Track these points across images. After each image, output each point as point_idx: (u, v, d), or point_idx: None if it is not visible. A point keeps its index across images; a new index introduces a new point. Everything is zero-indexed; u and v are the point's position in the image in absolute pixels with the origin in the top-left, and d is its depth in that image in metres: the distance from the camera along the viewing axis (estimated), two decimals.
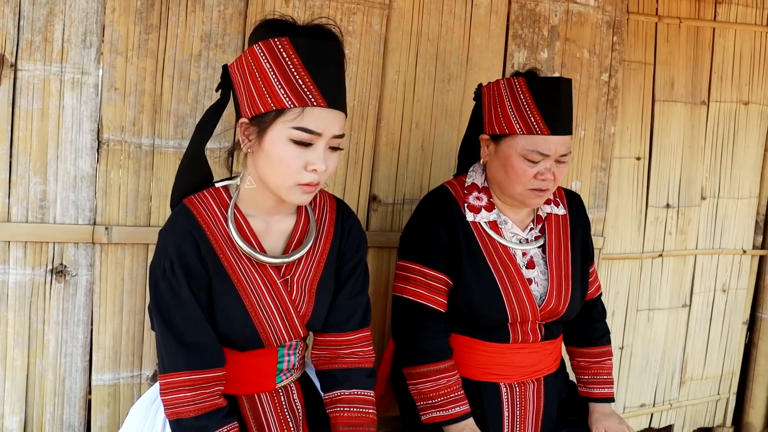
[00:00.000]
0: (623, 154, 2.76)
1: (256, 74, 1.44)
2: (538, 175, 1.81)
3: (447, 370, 1.85)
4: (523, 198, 1.86)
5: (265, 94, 1.43)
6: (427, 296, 1.87)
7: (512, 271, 1.88)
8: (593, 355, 2.06)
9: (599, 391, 2.02)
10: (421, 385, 1.86)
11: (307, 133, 1.43)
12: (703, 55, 2.88)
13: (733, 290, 3.14)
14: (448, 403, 1.83)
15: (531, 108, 1.79)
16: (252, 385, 1.65)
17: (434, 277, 1.88)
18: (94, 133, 1.87)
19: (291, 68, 1.42)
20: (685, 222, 2.95)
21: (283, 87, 1.42)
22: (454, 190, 1.95)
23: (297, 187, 1.47)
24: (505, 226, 1.93)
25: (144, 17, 1.87)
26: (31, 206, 1.83)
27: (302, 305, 1.61)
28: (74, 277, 1.90)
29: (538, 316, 1.90)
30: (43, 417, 1.92)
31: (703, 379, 3.15)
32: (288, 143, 1.44)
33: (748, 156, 3.06)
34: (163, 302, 1.50)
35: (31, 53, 1.78)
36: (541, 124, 1.78)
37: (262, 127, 1.46)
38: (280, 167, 1.45)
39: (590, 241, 2.08)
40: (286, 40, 1.42)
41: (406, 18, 2.21)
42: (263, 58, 1.43)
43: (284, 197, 1.50)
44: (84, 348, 1.93)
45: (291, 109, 1.42)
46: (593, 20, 2.51)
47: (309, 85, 1.42)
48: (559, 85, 1.83)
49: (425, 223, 1.91)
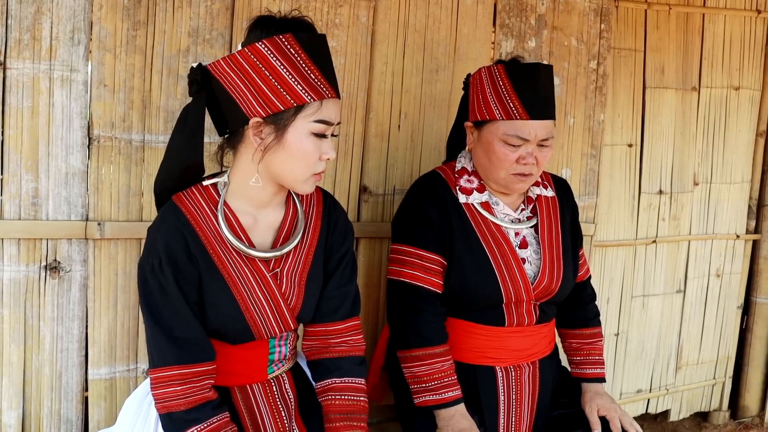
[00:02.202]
0: (615, 141, 2.77)
1: (266, 73, 1.46)
2: (520, 159, 1.83)
3: (442, 355, 1.87)
4: (507, 183, 1.88)
5: (282, 92, 1.46)
6: (424, 278, 1.89)
7: (506, 250, 1.90)
8: (585, 336, 2.09)
9: (592, 371, 2.04)
10: (415, 368, 1.88)
11: (326, 124, 1.50)
12: (693, 41, 2.88)
13: (727, 275, 3.15)
14: (441, 388, 1.85)
15: (510, 94, 1.82)
16: (244, 376, 1.67)
17: (429, 259, 1.90)
18: (84, 130, 1.88)
19: (302, 63, 1.46)
20: (678, 208, 2.96)
21: (299, 83, 1.46)
22: (445, 174, 1.97)
23: (312, 177, 1.55)
24: (497, 207, 1.96)
25: (131, 14, 1.89)
26: (23, 203, 1.85)
27: (292, 298, 1.63)
28: (68, 273, 1.92)
29: (532, 295, 1.92)
30: (40, 412, 1.94)
31: (699, 364, 3.16)
32: (310, 137, 1.50)
33: (739, 141, 3.07)
34: (152, 298, 1.51)
35: (19, 51, 1.80)
36: (520, 109, 1.81)
37: (280, 124, 1.48)
38: (303, 161, 1.51)
39: (579, 225, 2.11)
40: (290, 36, 1.46)
41: (393, 9, 2.22)
42: (272, 56, 1.45)
43: (298, 189, 1.56)
44: (79, 343, 1.95)
45: (310, 103, 1.47)
46: (580, 8, 2.51)
47: (321, 78, 1.48)
48: (538, 71, 1.85)
49: (417, 205, 1.93)
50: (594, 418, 1.90)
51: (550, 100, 1.88)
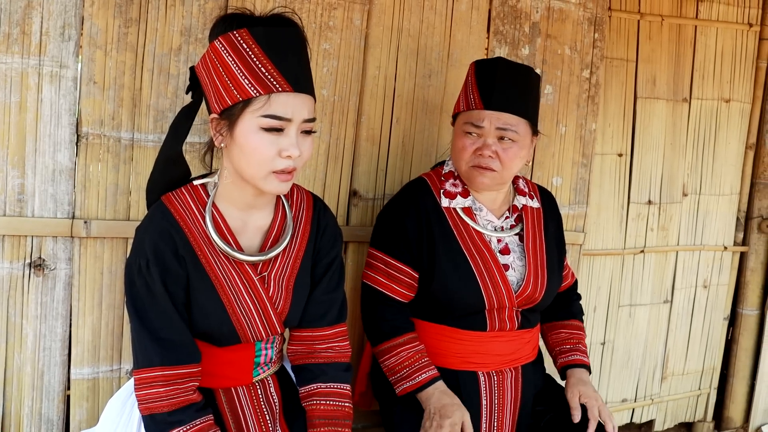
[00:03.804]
0: (605, 151, 2.78)
1: (220, 69, 1.45)
2: (477, 150, 1.89)
3: (406, 343, 1.91)
4: (468, 176, 1.94)
5: (231, 87, 1.44)
6: (387, 285, 1.94)
7: (487, 256, 1.92)
8: (574, 327, 2.13)
9: (580, 357, 2.07)
10: (387, 361, 1.93)
11: (275, 119, 1.44)
12: (684, 53, 2.89)
13: (714, 286, 3.16)
14: (413, 372, 1.89)
15: (473, 86, 1.94)
16: (229, 378, 1.65)
17: (398, 269, 1.94)
18: (72, 127, 1.87)
19: (252, 57, 1.43)
20: (666, 218, 2.97)
21: (246, 77, 1.43)
22: (430, 181, 2.00)
23: (272, 175, 1.48)
24: (480, 213, 1.98)
25: (123, 11, 1.87)
26: (9, 200, 1.83)
27: (279, 302, 1.62)
28: (53, 271, 1.89)
29: (514, 302, 1.93)
30: (21, 411, 1.92)
31: (685, 375, 3.17)
32: (259, 132, 1.45)
33: (729, 153, 3.08)
34: (139, 299, 1.50)
35: (8, 46, 1.78)
36: (476, 99, 1.91)
37: (231, 119, 1.46)
38: (254, 156, 1.46)
39: (563, 237, 2.13)
40: (244, 31, 1.44)
41: (387, 13, 2.21)
42: (225, 52, 1.44)
43: (261, 187, 1.50)
44: (63, 342, 1.93)
45: (257, 97, 1.43)
46: (574, 17, 2.52)
47: (272, 71, 1.43)
48: (497, 65, 1.92)
49: (395, 215, 1.97)
50: (575, 403, 1.92)
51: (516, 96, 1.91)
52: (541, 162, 2.55)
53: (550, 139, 2.55)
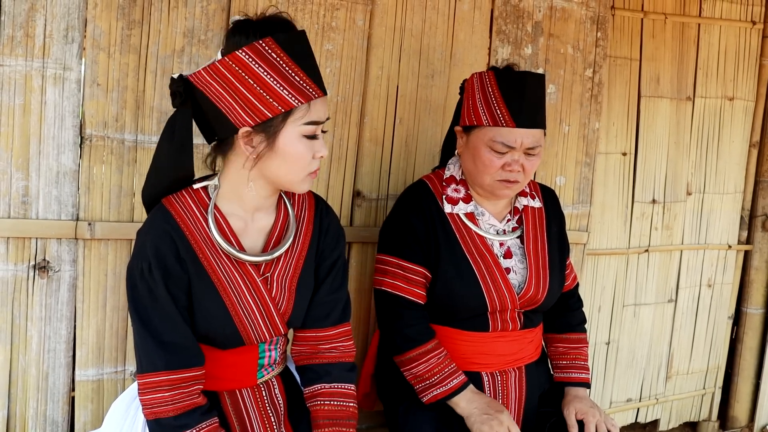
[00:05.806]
0: (609, 150, 2.77)
1: (250, 81, 1.44)
2: (506, 166, 1.85)
3: (434, 349, 1.89)
4: (492, 189, 1.89)
5: (268, 99, 1.44)
6: (405, 288, 1.91)
7: (489, 260, 1.91)
8: (572, 341, 2.09)
9: (576, 375, 2.05)
10: (414, 369, 1.89)
11: (316, 125, 1.50)
12: (688, 51, 2.89)
13: (718, 285, 3.16)
14: (445, 378, 1.87)
15: (498, 101, 1.84)
16: (233, 381, 1.65)
17: (412, 270, 1.91)
18: (76, 129, 1.87)
19: (284, 67, 1.44)
20: (670, 217, 2.96)
21: (285, 88, 1.44)
22: (432, 184, 1.98)
23: (308, 176, 1.54)
24: (482, 217, 1.96)
25: (126, 13, 1.87)
26: (13, 202, 1.83)
27: (282, 303, 1.62)
28: (57, 273, 1.90)
29: (517, 304, 1.93)
30: (26, 413, 1.92)
31: (689, 374, 3.17)
32: (301, 139, 1.49)
33: (733, 151, 3.07)
34: (141, 303, 1.50)
35: (12, 48, 1.78)
36: (507, 117, 1.82)
37: (270, 131, 1.47)
38: (297, 163, 1.50)
39: (566, 235, 2.11)
40: (270, 40, 1.43)
41: (390, 14, 2.21)
42: (254, 64, 1.43)
43: (296, 189, 1.56)
44: (67, 344, 1.93)
45: (298, 107, 1.46)
46: (577, 16, 2.51)
47: (305, 79, 1.46)
48: (526, 79, 1.86)
49: (403, 217, 1.94)
50: (571, 421, 1.91)
51: (539, 109, 1.88)
52: (544, 161, 2.55)
53: (554, 139, 2.54)
